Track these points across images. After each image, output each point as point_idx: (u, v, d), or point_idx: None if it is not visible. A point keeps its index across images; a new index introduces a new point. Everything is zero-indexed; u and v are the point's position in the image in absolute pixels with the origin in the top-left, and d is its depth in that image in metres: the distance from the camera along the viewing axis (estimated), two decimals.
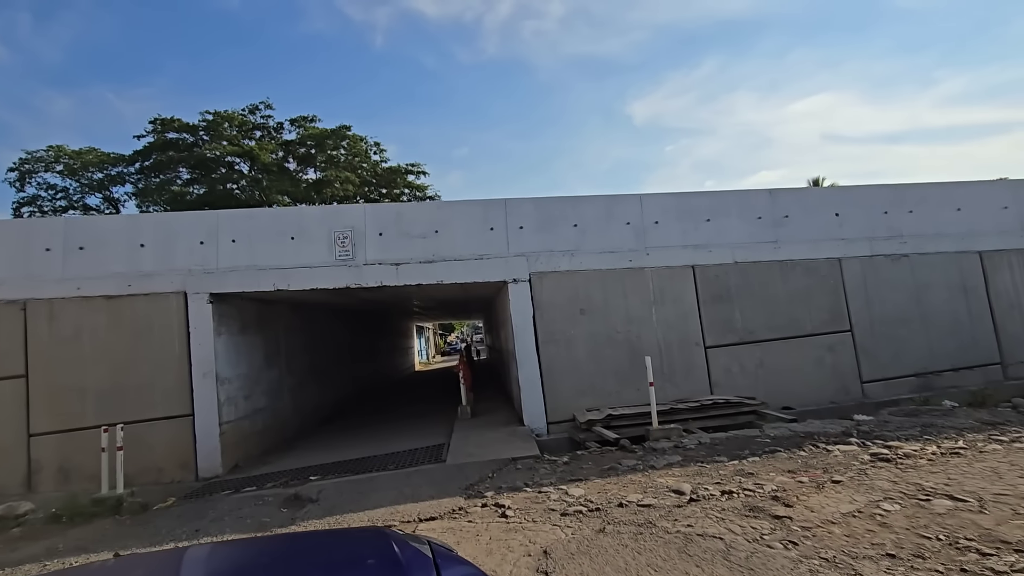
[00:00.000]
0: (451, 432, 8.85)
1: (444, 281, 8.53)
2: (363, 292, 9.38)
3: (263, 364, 9.73)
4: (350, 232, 8.49)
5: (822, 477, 4.83)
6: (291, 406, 10.82)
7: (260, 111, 28.76)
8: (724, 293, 8.98)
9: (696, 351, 8.83)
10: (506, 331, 10.14)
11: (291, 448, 9.58)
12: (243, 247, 8.30)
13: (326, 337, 13.44)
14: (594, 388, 8.57)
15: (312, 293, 8.90)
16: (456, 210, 8.78)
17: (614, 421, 7.73)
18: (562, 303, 8.66)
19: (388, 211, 8.73)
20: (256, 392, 9.35)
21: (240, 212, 8.61)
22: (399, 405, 14.20)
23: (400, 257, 8.52)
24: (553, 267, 8.75)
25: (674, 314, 8.85)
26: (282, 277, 8.26)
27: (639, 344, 8.72)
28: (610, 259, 8.87)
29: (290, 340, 11.05)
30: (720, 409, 7.88)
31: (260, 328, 9.74)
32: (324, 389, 12.92)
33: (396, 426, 10.49)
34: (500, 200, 8.88)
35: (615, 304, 8.76)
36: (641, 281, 8.85)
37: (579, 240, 8.88)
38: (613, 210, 9.02)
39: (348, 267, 8.41)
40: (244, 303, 9.14)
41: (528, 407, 8.44)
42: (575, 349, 8.60)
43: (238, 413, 8.61)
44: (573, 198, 9.02)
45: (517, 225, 8.80)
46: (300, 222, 8.48)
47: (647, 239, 8.99)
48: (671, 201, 9.17)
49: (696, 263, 9.02)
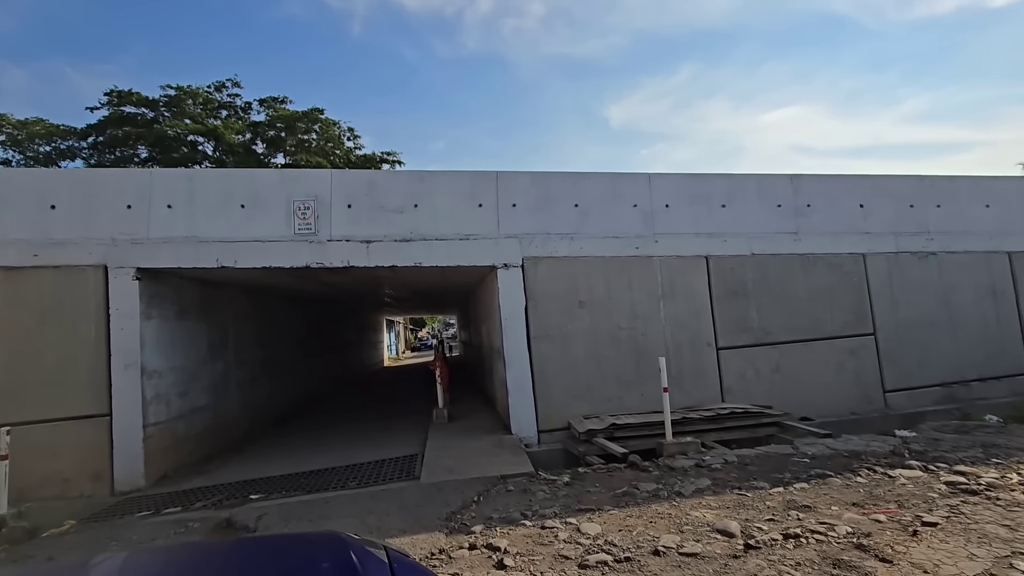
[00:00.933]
0: (425, 439, 7.62)
1: (423, 264, 7.29)
2: (327, 274, 8.05)
3: (205, 356, 8.31)
4: (313, 202, 7.17)
5: (905, 516, 3.80)
6: (239, 404, 9.40)
7: (227, 89, 26.88)
8: (740, 288, 7.99)
9: (707, 353, 7.81)
10: (491, 325, 8.95)
11: (237, 454, 8.20)
12: (181, 214, 6.90)
13: (284, 327, 12.00)
14: (592, 392, 7.46)
15: (265, 274, 7.53)
16: (439, 181, 7.54)
17: (618, 432, 6.63)
18: (559, 294, 7.52)
19: (359, 179, 7.44)
20: (195, 388, 7.94)
21: (179, 172, 7.21)
22: (366, 404, 12.85)
23: (372, 234, 7.24)
24: (550, 252, 7.60)
25: (684, 310, 7.81)
26: (228, 252, 6.89)
27: (645, 343, 7.65)
28: (614, 245, 7.77)
29: (241, 329, 9.62)
30: (738, 419, 6.86)
31: (203, 314, 8.31)
32: (280, 385, 11.49)
33: (362, 430, 9.19)
34: (491, 172, 7.68)
35: (619, 297, 7.67)
36: (648, 272, 7.78)
37: (580, 222, 7.75)
38: (619, 190, 7.92)
39: (309, 243, 7.09)
40: (184, 283, 7.71)
41: (517, 413, 7.28)
42: (572, 347, 7.47)
43: (170, 413, 7.20)
44: (574, 174, 7.89)
45: (510, 202, 7.62)
46: (252, 187, 7.11)
47: (656, 224, 7.93)
48: (683, 183, 8.12)
49: (710, 253, 7.99)
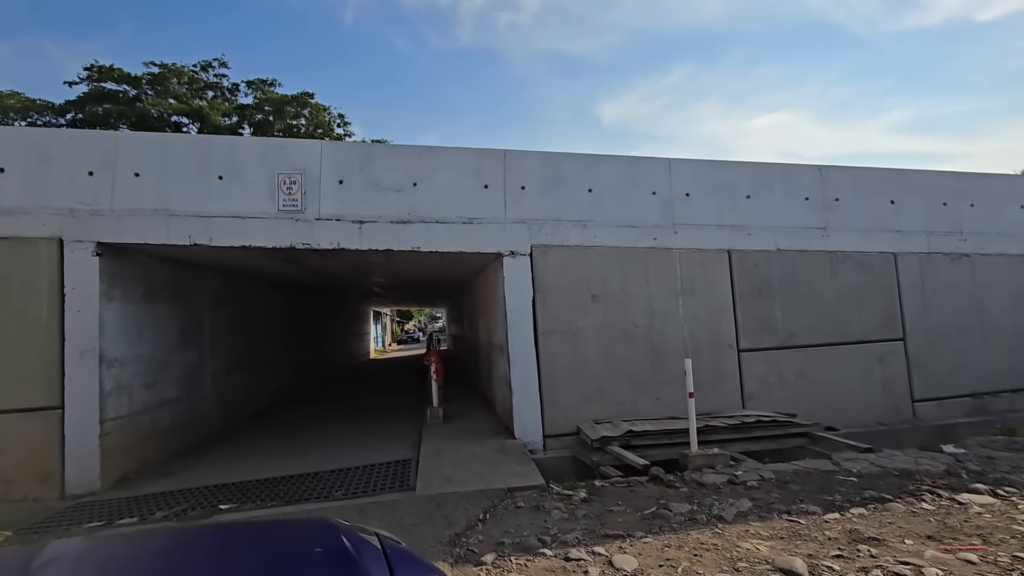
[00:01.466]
0: (419, 441, 6.93)
1: (421, 248, 6.57)
2: (313, 258, 7.31)
3: (177, 343, 7.52)
4: (300, 176, 6.42)
5: (1000, 555, 3.20)
6: (214, 397, 8.62)
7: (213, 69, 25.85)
8: (764, 286, 7.38)
9: (728, 355, 7.19)
10: (492, 319, 8.26)
11: (209, 452, 7.43)
12: (150, 184, 6.11)
13: (266, 315, 11.20)
14: (603, 395, 6.82)
15: (244, 254, 6.78)
16: (442, 159, 6.82)
17: (635, 440, 6.00)
18: (570, 286, 6.86)
19: (352, 152, 6.69)
20: (164, 379, 7.16)
21: (149, 136, 6.40)
22: (353, 399, 12.10)
23: (365, 213, 6.51)
24: (561, 240, 6.92)
25: (705, 308, 7.18)
26: (203, 228, 6.12)
27: (661, 343, 7.01)
28: (630, 235, 7.11)
29: (218, 316, 8.83)
30: (765, 429, 6.26)
31: (176, 297, 7.53)
32: (261, 377, 10.70)
33: (348, 428, 8.46)
34: (498, 151, 6.98)
35: (635, 291, 7.02)
36: (667, 265, 7.14)
37: (594, 209, 7.08)
38: (636, 175, 7.26)
39: (295, 221, 6.34)
40: (153, 263, 6.93)
41: (521, 415, 6.61)
42: (583, 345, 6.81)
43: (133, 406, 6.42)
44: (589, 156, 7.21)
45: (518, 184, 6.93)
46: (232, 157, 6.34)
47: (675, 214, 7.29)
48: (706, 170, 7.48)
49: (733, 247, 7.37)
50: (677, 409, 6.95)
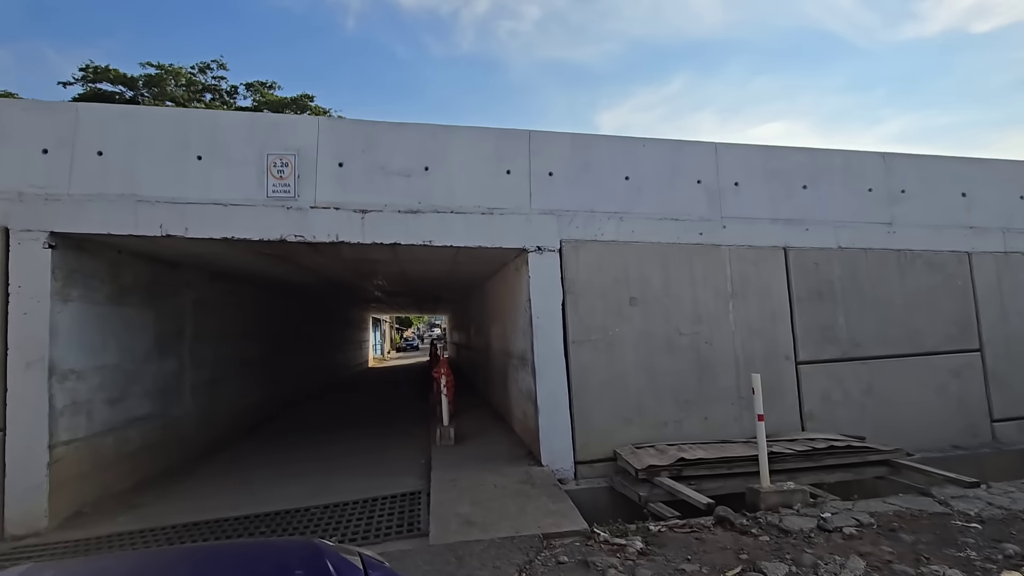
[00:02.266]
0: (428, 467, 5.97)
1: (433, 243, 5.64)
2: (308, 253, 6.36)
3: (151, 352, 6.56)
4: (294, 157, 5.50)
5: None
6: (195, 412, 7.64)
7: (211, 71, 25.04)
8: (825, 288, 6.45)
9: (785, 368, 6.25)
10: (509, 325, 7.32)
11: (187, 477, 6.46)
12: (116, 164, 5.18)
13: (258, 321, 10.24)
14: (643, 414, 5.87)
15: (227, 249, 5.84)
16: (457, 140, 5.91)
17: (688, 469, 5.04)
18: (604, 287, 5.92)
19: (355, 131, 5.77)
20: (133, 393, 6.19)
21: (115, 108, 5.47)
22: (351, 412, 11.12)
23: (369, 201, 5.58)
24: (594, 234, 6.00)
25: (758, 313, 6.25)
26: (177, 216, 5.19)
27: (709, 353, 6.07)
28: (673, 229, 6.19)
29: (202, 320, 7.87)
30: (839, 456, 5.30)
31: (151, 299, 6.58)
32: (250, 388, 9.72)
33: (345, 449, 7.48)
34: (521, 131, 6.07)
35: (679, 294, 6.09)
36: (716, 264, 6.21)
37: (631, 199, 6.16)
38: (679, 161, 6.35)
39: (286, 209, 5.41)
40: (123, 259, 5.98)
41: (548, 438, 5.65)
42: (620, 355, 5.87)
43: (93, 426, 5.46)
44: (625, 139, 6.30)
45: (545, 170, 6.01)
46: (214, 134, 5.42)
47: (724, 206, 6.37)
48: (757, 156, 6.57)
49: (789, 244, 6.45)
50: (728, 431, 6.01)
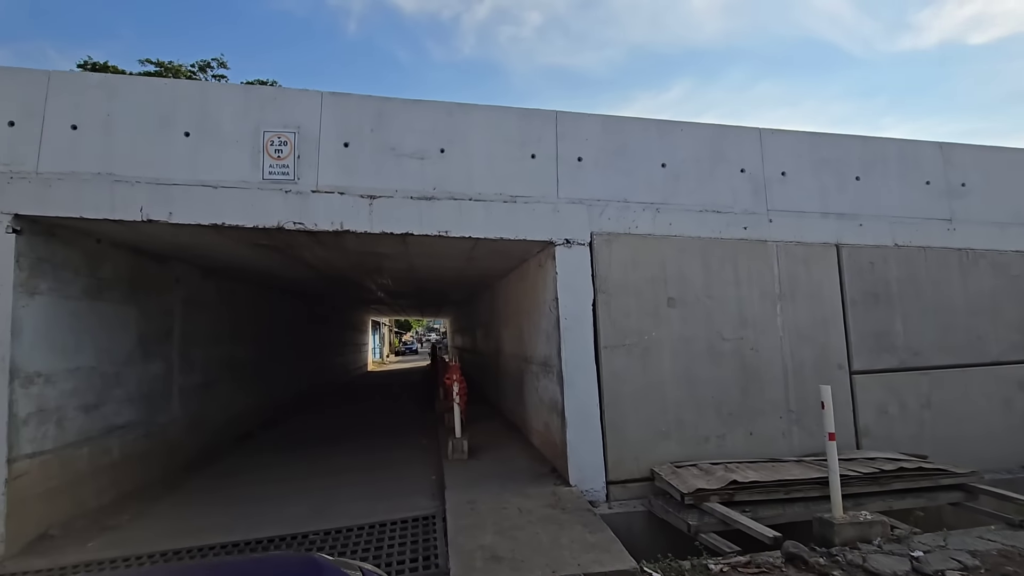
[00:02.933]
0: (441, 486, 5.33)
1: (450, 233, 5.02)
2: (308, 244, 5.73)
3: (134, 353, 5.93)
4: (293, 135, 4.88)
5: None
6: (185, 419, 7.00)
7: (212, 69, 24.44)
8: (881, 290, 5.83)
9: (838, 378, 5.62)
10: (529, 327, 6.69)
11: (171, 492, 5.82)
12: (92, 140, 4.56)
13: (254, 321, 9.60)
14: (683, 428, 5.24)
15: (218, 238, 5.21)
16: (477, 119, 5.29)
17: (741, 493, 4.41)
18: (639, 286, 5.30)
19: (362, 107, 5.15)
20: (113, 398, 5.56)
21: (92, 77, 4.87)
22: (351, 419, 10.48)
23: (378, 186, 4.97)
24: (628, 227, 5.38)
25: (808, 317, 5.63)
26: (160, 199, 4.56)
27: (755, 361, 5.45)
28: (715, 223, 5.57)
29: (193, 319, 7.24)
30: (909, 480, 4.67)
31: (134, 295, 5.95)
32: (246, 393, 9.08)
33: (347, 462, 6.84)
34: (548, 112, 5.45)
35: (721, 294, 5.47)
36: (762, 261, 5.60)
37: (669, 188, 5.55)
38: (720, 148, 5.73)
39: (284, 193, 4.79)
40: (103, 249, 5.37)
41: (577, 454, 5.02)
42: (657, 362, 5.24)
43: (64, 436, 4.83)
44: (661, 122, 5.69)
45: (573, 155, 5.40)
46: (204, 108, 4.80)
47: (770, 198, 5.76)
48: (805, 143, 5.96)
49: (841, 241, 5.84)
50: (775, 447, 5.38)
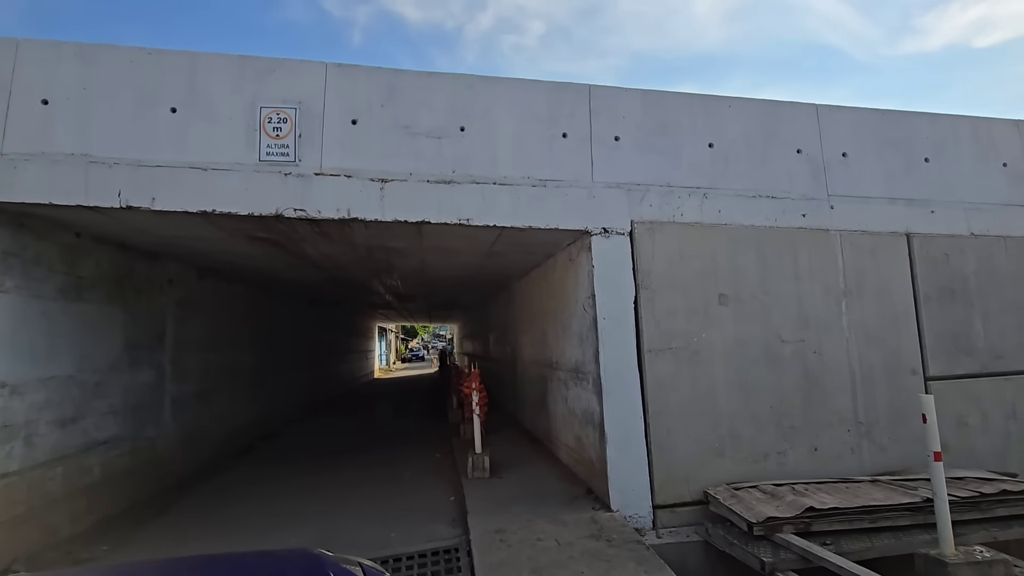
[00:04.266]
0: (462, 510, 4.69)
1: (472, 221, 4.41)
2: (310, 237, 5.12)
3: (119, 359, 5.35)
4: (294, 111, 4.29)
5: None
6: (177, 432, 6.40)
7: None
8: (957, 285, 5.17)
9: (912, 385, 4.94)
10: (556, 329, 6.05)
11: (158, 516, 5.20)
12: (65, 114, 3.99)
13: (255, 326, 9.01)
14: (738, 443, 4.57)
15: (210, 229, 4.61)
16: (501, 94, 4.69)
17: (819, 523, 3.74)
18: (687, 281, 4.66)
19: (372, 81, 4.56)
20: (95, 411, 4.97)
21: (66, 46, 4.28)
22: (360, 429, 9.85)
23: (389, 168, 4.36)
24: (672, 214, 4.75)
25: (877, 316, 4.97)
26: (142, 183, 3.98)
27: (819, 366, 4.78)
28: (770, 209, 4.93)
29: (188, 324, 6.66)
30: (1014, 504, 3.99)
31: (120, 295, 5.37)
32: (244, 404, 8.48)
33: (355, 476, 6.21)
34: (581, 85, 4.84)
35: (779, 290, 4.82)
36: (824, 253, 4.95)
37: (717, 171, 4.92)
38: (774, 126, 5.10)
39: (284, 176, 4.19)
40: (84, 244, 4.80)
41: (618, 474, 4.36)
42: (707, 368, 4.59)
43: (34, 455, 4.24)
44: (706, 97, 5.06)
45: (610, 134, 4.78)
46: (192, 80, 4.22)
47: (830, 181, 5.11)
48: (868, 121, 5.32)
49: (911, 230, 5.18)
50: (843, 465, 4.71)
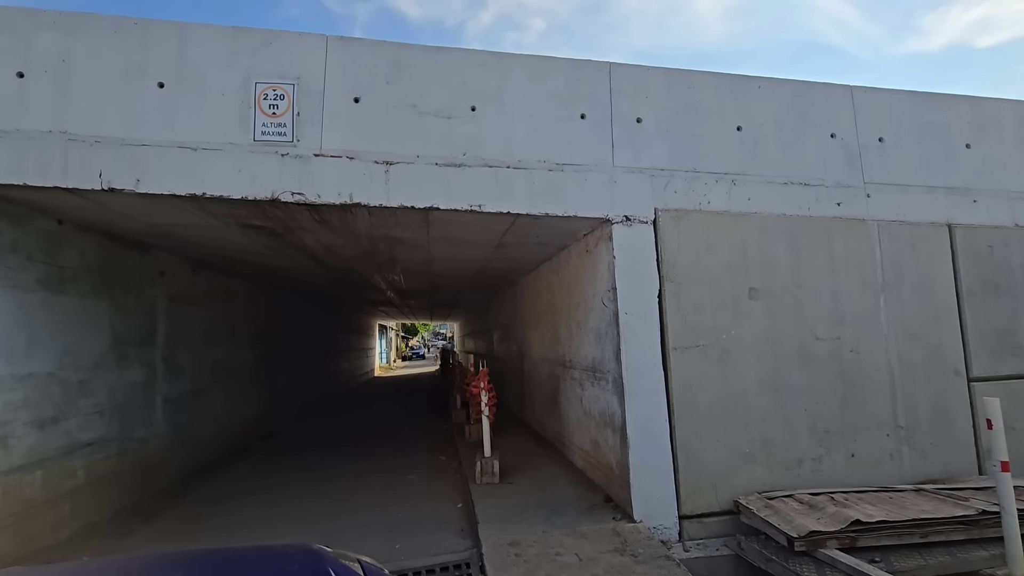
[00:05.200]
0: (471, 519, 4.36)
1: (484, 207, 4.07)
2: (309, 225, 4.77)
3: (107, 356, 5.02)
4: (292, 88, 3.96)
5: None
6: (170, 433, 6.08)
7: None
8: (1003, 279, 4.83)
9: (954, 386, 4.61)
10: (567, 327, 5.72)
11: (149, 523, 4.89)
12: (42, 88, 3.66)
13: (253, 322, 8.69)
14: (770, 448, 4.24)
15: (201, 216, 4.28)
16: (515, 72, 4.35)
17: (866, 537, 3.41)
18: (714, 273, 4.33)
19: (376, 56, 4.22)
20: (78, 411, 4.65)
21: (44, 15, 3.94)
22: (360, 429, 9.53)
23: (395, 150, 4.03)
24: (698, 202, 4.42)
25: (918, 312, 4.63)
26: (127, 163, 3.65)
27: (855, 365, 4.45)
28: (802, 197, 4.60)
29: (181, 319, 6.33)
30: None
31: (107, 288, 5.05)
32: (241, 404, 8.15)
33: (356, 485, 5.89)
34: (601, 63, 4.50)
35: (813, 283, 4.48)
36: (861, 244, 4.61)
37: (746, 156, 4.58)
38: (806, 108, 4.76)
39: (281, 157, 3.86)
40: (67, 232, 4.48)
41: (642, 480, 4.03)
42: (736, 367, 4.26)
43: (10, 459, 3.94)
44: (734, 77, 4.72)
45: (631, 115, 4.45)
46: (181, 53, 3.89)
47: (866, 168, 4.78)
48: (904, 104, 4.98)
49: (953, 220, 4.84)
50: (882, 472, 4.38)
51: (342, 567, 1.48)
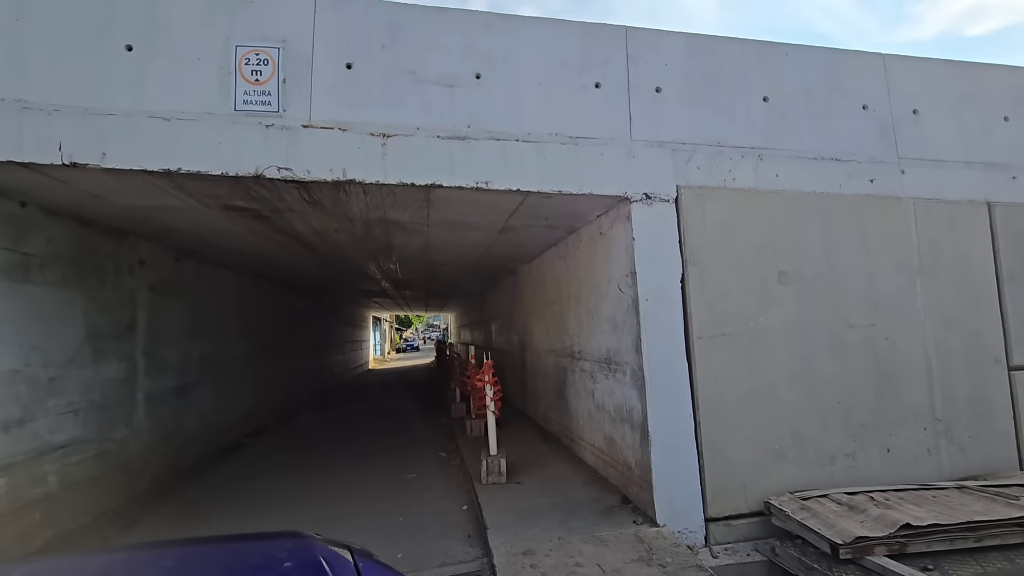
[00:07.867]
0: (479, 523, 4.03)
1: (491, 184, 3.70)
2: (299, 207, 4.37)
3: (80, 351, 4.63)
4: (277, 52, 3.56)
5: None
6: (152, 432, 5.70)
7: None
8: None
9: (994, 375, 4.32)
10: (576, 315, 5.37)
11: (129, 530, 4.54)
12: None
13: (242, 314, 8.28)
14: (801, 444, 3.93)
15: (177, 194, 3.88)
16: (524, 36, 3.96)
17: (916, 542, 3.11)
18: (741, 256, 3.99)
19: (370, 18, 3.82)
20: (48, 410, 4.26)
21: None
22: (355, 427, 9.17)
23: (393, 121, 3.65)
24: (723, 179, 4.07)
25: (956, 296, 4.32)
26: (91, 134, 3.24)
27: (891, 354, 4.14)
28: (833, 173, 4.26)
29: (164, 311, 5.93)
30: None
31: (81, 278, 4.65)
32: (230, 400, 7.76)
33: (352, 487, 5.54)
34: (617, 27, 4.12)
35: (846, 266, 4.16)
36: (896, 224, 4.29)
37: (773, 129, 4.23)
38: (837, 78, 4.41)
39: (265, 128, 3.47)
40: (30, 216, 4.06)
41: (664, 481, 3.71)
42: (766, 357, 3.93)
43: None
44: (760, 43, 4.35)
45: (650, 84, 4.08)
46: (153, 12, 3.47)
47: (900, 142, 4.44)
48: (940, 74, 4.64)
49: (992, 198, 4.52)
50: (920, 468, 4.08)
51: (331, 554, 1.47)
